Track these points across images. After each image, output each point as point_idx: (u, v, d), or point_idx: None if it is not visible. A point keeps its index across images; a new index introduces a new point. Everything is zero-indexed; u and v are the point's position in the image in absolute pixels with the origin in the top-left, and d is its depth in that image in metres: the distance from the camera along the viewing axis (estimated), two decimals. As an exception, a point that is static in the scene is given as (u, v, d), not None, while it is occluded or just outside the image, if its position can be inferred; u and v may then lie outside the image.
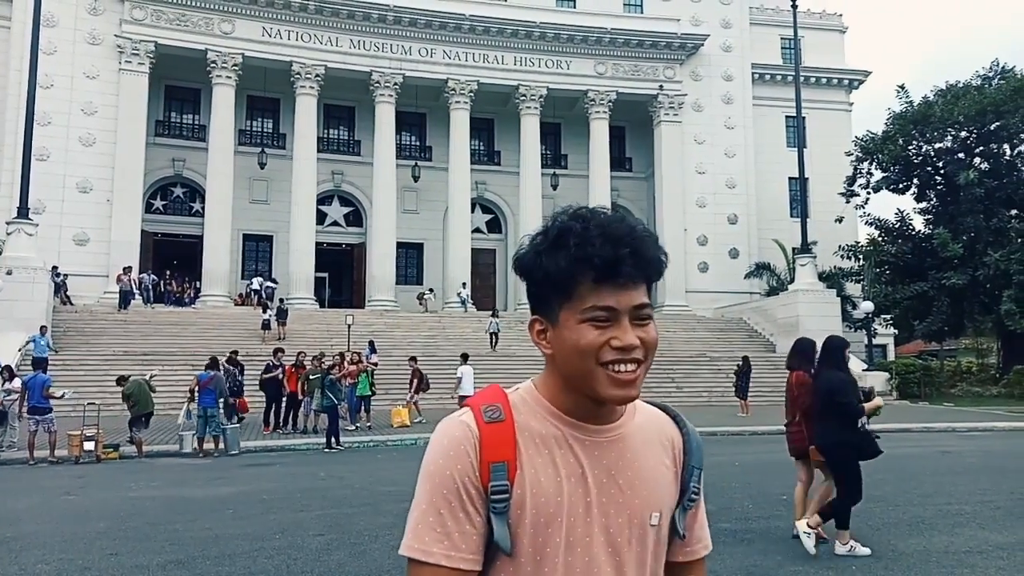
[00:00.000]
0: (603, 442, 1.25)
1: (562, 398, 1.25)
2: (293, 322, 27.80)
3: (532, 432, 1.24)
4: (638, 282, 1.20)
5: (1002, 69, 33.81)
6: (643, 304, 1.20)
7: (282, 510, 8.70)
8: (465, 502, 1.18)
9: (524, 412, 1.25)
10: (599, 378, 1.18)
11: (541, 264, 1.21)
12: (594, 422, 1.25)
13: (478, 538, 1.19)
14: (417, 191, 37.57)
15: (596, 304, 1.18)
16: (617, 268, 1.17)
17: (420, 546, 1.18)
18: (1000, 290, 30.66)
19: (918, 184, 35.09)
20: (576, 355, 1.19)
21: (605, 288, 1.17)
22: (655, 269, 1.23)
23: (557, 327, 1.21)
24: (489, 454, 1.20)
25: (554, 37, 36.49)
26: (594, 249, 1.17)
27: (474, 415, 1.23)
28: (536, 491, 1.20)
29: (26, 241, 24.62)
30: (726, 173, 38.32)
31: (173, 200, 36.08)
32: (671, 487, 1.30)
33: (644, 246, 1.21)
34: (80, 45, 31.46)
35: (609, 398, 1.20)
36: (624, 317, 1.18)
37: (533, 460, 1.21)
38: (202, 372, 15.47)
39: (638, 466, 1.27)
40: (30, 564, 6.42)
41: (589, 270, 1.17)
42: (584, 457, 1.24)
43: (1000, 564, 6.12)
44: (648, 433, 1.31)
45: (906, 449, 14.65)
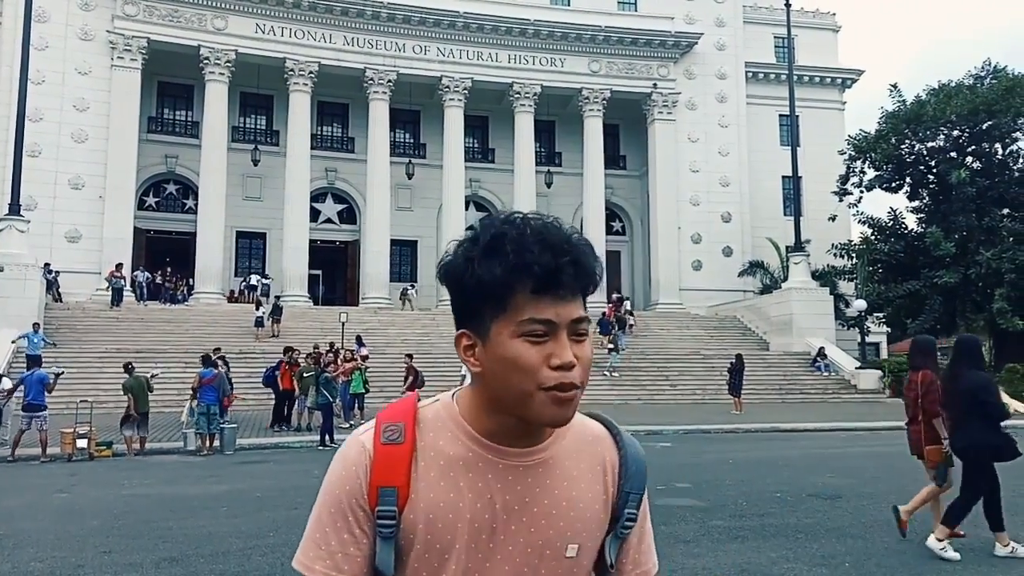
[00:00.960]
0: (520, 467, 1.17)
1: (483, 418, 1.16)
2: (287, 319, 27.75)
3: (438, 453, 1.16)
4: (576, 294, 1.12)
5: (994, 68, 33.94)
6: (581, 318, 1.12)
7: (276, 508, 8.68)
8: (351, 524, 1.14)
9: (434, 431, 1.18)
10: (536, 399, 1.09)
11: (473, 272, 1.11)
12: (515, 445, 1.17)
13: (363, 560, 1.15)
14: (411, 188, 37.52)
15: (534, 316, 1.08)
16: (557, 277, 1.09)
17: (306, 561, 1.16)
18: (992, 289, 30.81)
19: (911, 183, 35.22)
20: (511, 374, 1.09)
21: (544, 300, 1.09)
22: (593, 281, 1.14)
23: (488, 342, 1.11)
24: (379, 478, 1.14)
25: (548, 35, 36.47)
26: (533, 256, 1.08)
27: (373, 434, 1.17)
28: (433, 516, 1.13)
29: (18, 238, 24.49)
30: (720, 171, 38.39)
31: (166, 197, 35.93)
32: (599, 515, 1.21)
33: (584, 255, 1.13)
34: (72, 41, 31.28)
35: (545, 420, 1.12)
36: (563, 332, 1.10)
37: (434, 484, 1.15)
38: (204, 369, 15.39)
39: (558, 494, 1.18)
40: (23, 562, 6.39)
41: (527, 279, 1.08)
42: (495, 482, 1.16)
43: (994, 561, 6.16)
44: (578, 455, 1.22)
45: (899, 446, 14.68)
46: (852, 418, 19.87)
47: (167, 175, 35.50)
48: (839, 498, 8.83)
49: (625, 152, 41.40)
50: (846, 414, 21.00)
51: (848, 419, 19.62)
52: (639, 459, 1.26)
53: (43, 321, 23.22)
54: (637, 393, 25.04)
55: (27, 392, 13.83)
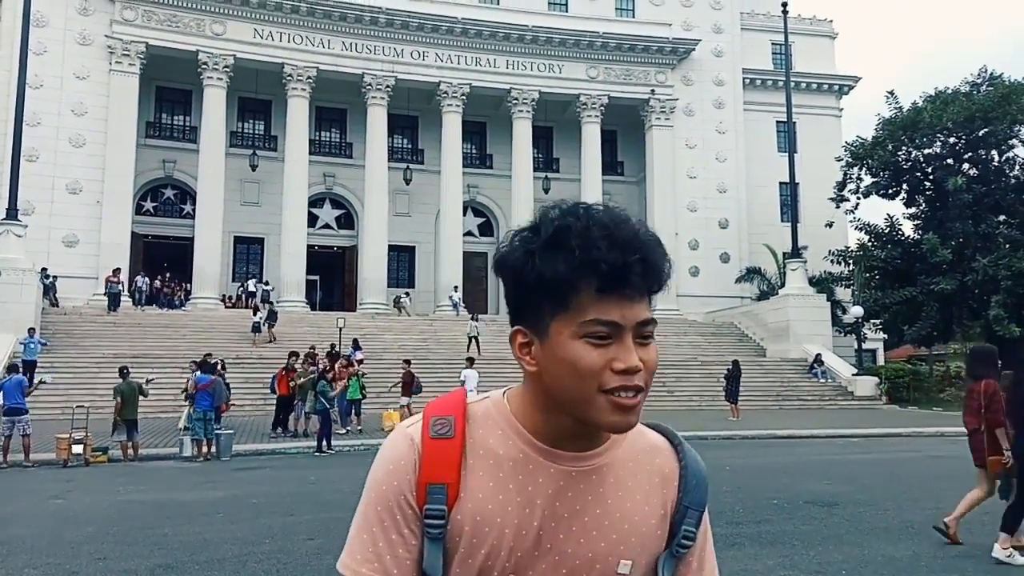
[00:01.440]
0: (572, 472, 1.10)
1: (537, 418, 1.10)
2: (284, 325, 27.72)
3: (488, 451, 1.10)
4: (643, 294, 1.05)
5: (990, 76, 34.07)
6: (648, 320, 1.06)
7: (272, 514, 8.66)
8: (400, 523, 1.08)
9: (484, 428, 1.11)
10: (598, 405, 1.02)
11: (534, 266, 1.04)
12: (567, 448, 1.10)
13: (412, 563, 1.08)
14: (409, 194, 37.54)
15: (599, 318, 1.02)
16: (626, 277, 1.02)
17: (352, 564, 1.10)
18: (988, 295, 30.86)
19: (907, 189, 35.30)
20: (572, 377, 1.02)
21: (609, 299, 1.02)
22: (663, 281, 1.07)
23: (546, 341, 1.05)
24: (428, 474, 1.08)
25: (546, 41, 36.57)
26: (600, 253, 1.01)
27: (421, 427, 1.11)
28: (480, 519, 1.07)
29: (15, 242, 24.46)
30: (717, 178, 38.47)
31: (164, 202, 35.91)
32: (655, 531, 1.13)
33: (654, 253, 1.05)
34: (70, 45, 31.30)
35: (607, 426, 1.05)
36: (628, 335, 1.03)
37: (482, 484, 1.08)
38: (200, 375, 15.36)
39: (611, 504, 1.11)
40: (17, 568, 6.36)
41: (593, 277, 1.01)
42: (546, 486, 1.09)
43: (987, 568, 6.15)
44: (635, 465, 1.15)
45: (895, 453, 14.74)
46: (849, 425, 19.87)
47: (165, 180, 35.49)
48: (836, 505, 8.82)
49: (623, 158, 41.48)
50: (843, 421, 21.00)
51: (845, 426, 19.62)
52: (700, 472, 1.19)
53: (40, 326, 23.18)
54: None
55: (6, 397, 13.73)
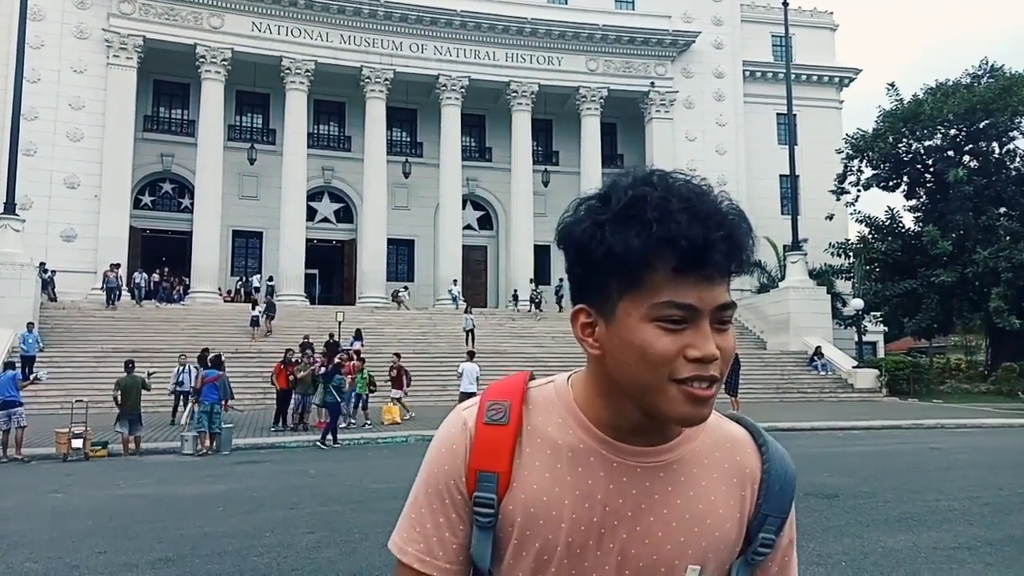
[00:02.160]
0: (638, 467, 1.02)
1: (600, 406, 1.02)
2: (283, 319, 27.71)
3: (546, 440, 1.03)
4: (724, 275, 0.95)
5: (991, 67, 34.00)
6: (727, 304, 0.96)
7: (272, 508, 8.66)
8: (448, 507, 1.04)
9: (543, 414, 1.05)
10: (668, 395, 0.94)
11: (603, 239, 0.94)
12: (634, 441, 1.02)
13: (459, 547, 1.04)
14: (408, 187, 37.48)
15: (673, 300, 0.92)
16: (707, 255, 0.91)
17: (400, 542, 1.07)
18: (989, 288, 30.86)
19: (908, 182, 35.27)
20: (640, 364, 0.94)
21: (687, 280, 0.92)
22: (748, 260, 0.97)
23: (612, 323, 0.96)
24: (478, 461, 1.03)
25: (545, 33, 36.44)
26: (680, 228, 0.91)
27: (476, 411, 1.06)
28: (533, 510, 1.01)
29: (13, 237, 24.42)
30: (717, 170, 38.27)
31: (162, 196, 35.85)
32: (729, 535, 1.04)
33: (739, 229, 0.95)
34: (67, 39, 31.18)
35: (677, 419, 0.96)
36: (705, 319, 0.93)
37: (537, 474, 1.02)
38: (208, 369, 15.47)
39: (680, 504, 1.02)
40: (18, 563, 6.36)
41: (670, 255, 0.91)
42: (607, 481, 1.01)
43: (988, 560, 6.15)
44: (712, 462, 1.05)
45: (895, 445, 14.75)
46: (849, 417, 19.88)
47: (163, 174, 35.41)
48: (836, 497, 8.83)
49: (623, 151, 41.38)
50: (843, 413, 21.02)
51: (845, 418, 19.63)
52: (787, 474, 1.07)
53: (38, 321, 23.15)
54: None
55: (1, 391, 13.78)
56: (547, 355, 27.19)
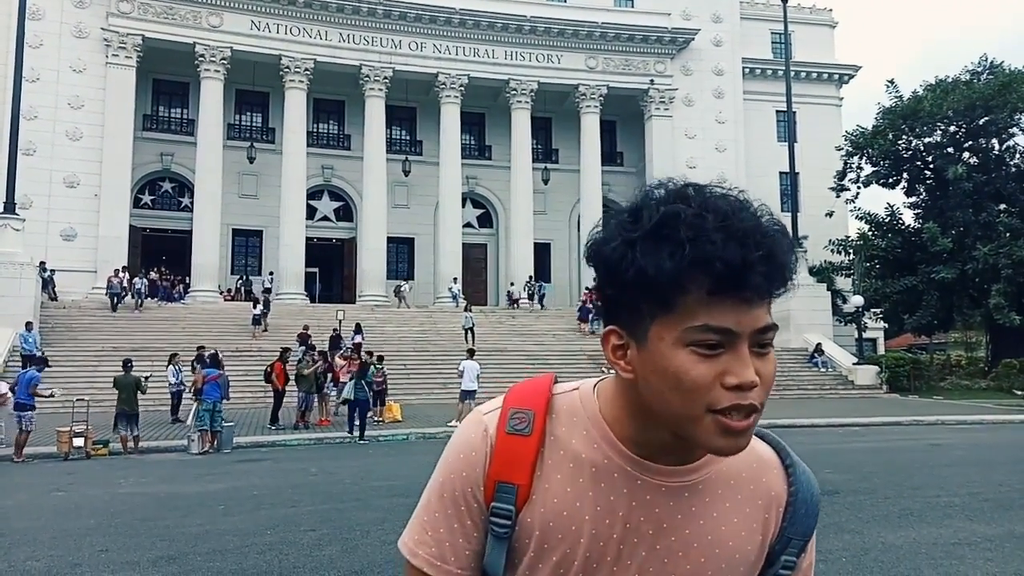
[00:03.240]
0: (663, 487, 0.99)
1: (628, 425, 0.98)
2: (283, 317, 27.76)
3: (569, 453, 1.00)
4: (764, 297, 0.89)
5: (991, 64, 33.98)
6: (768, 327, 0.90)
7: (273, 506, 8.67)
8: (463, 514, 1.01)
9: (568, 425, 1.01)
10: (703, 425, 0.89)
11: (634, 259, 0.89)
12: (660, 460, 0.98)
13: (471, 554, 1.02)
14: (408, 186, 37.47)
15: (709, 324, 0.87)
16: (745, 277, 0.86)
17: (410, 544, 1.04)
18: (989, 284, 30.87)
19: (908, 178, 35.26)
20: (674, 392, 0.89)
21: (724, 303, 0.87)
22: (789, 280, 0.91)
23: (644, 347, 0.91)
24: (498, 471, 0.99)
25: (545, 31, 36.41)
26: (715, 249, 0.85)
27: (498, 418, 1.02)
28: (553, 524, 0.98)
29: (13, 236, 24.41)
30: (717, 168, 38.25)
31: (161, 195, 35.84)
32: (750, 558, 1.01)
33: (780, 248, 0.89)
34: (66, 38, 31.15)
35: (713, 450, 0.91)
36: (743, 343, 0.88)
37: (558, 487, 0.99)
38: (208, 368, 15.52)
39: (703, 525, 0.99)
40: (20, 561, 6.37)
41: (705, 277, 0.86)
42: (630, 498, 0.98)
43: (988, 556, 6.16)
44: (737, 484, 1.02)
45: (896, 442, 14.76)
46: (850, 414, 19.90)
47: (163, 173, 35.40)
48: (837, 493, 8.83)
49: (622, 149, 41.37)
50: (844, 410, 21.04)
51: (846, 415, 19.65)
52: (812, 497, 1.04)
53: (39, 320, 23.17)
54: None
55: (17, 391, 13.88)
56: (548, 353, 27.22)
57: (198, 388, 15.15)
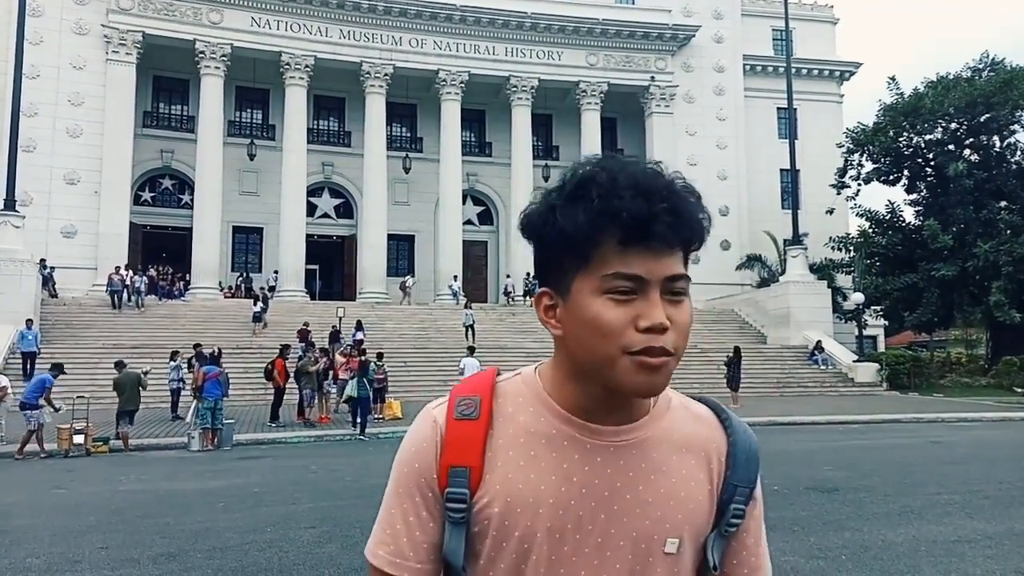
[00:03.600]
0: (611, 447, 1.04)
1: (568, 390, 1.04)
2: (283, 314, 27.78)
3: (519, 430, 1.05)
4: (674, 248, 0.98)
5: (992, 61, 33.91)
6: (678, 275, 0.98)
7: (273, 503, 8.67)
8: (418, 505, 1.05)
9: (514, 406, 1.06)
10: (621, 366, 0.96)
11: (555, 221, 0.98)
12: (604, 421, 1.04)
13: (429, 547, 1.05)
14: (408, 183, 37.44)
15: (620, 271, 0.95)
16: (650, 227, 0.94)
17: (372, 546, 1.07)
18: (989, 281, 30.84)
19: (908, 176, 35.21)
20: (593, 336, 0.96)
21: (633, 252, 0.95)
22: (697, 233, 1.00)
23: (569, 300, 0.99)
24: (450, 456, 1.03)
25: (545, 28, 36.36)
26: (622, 203, 0.94)
27: (447, 408, 1.07)
28: (511, 499, 1.02)
29: (13, 233, 24.42)
30: (718, 165, 38.35)
31: (162, 192, 35.82)
32: (703, 507, 1.07)
33: (684, 203, 0.98)
34: (66, 35, 31.13)
35: (630, 389, 0.98)
36: (654, 290, 0.96)
37: (512, 463, 1.03)
38: (208, 366, 15.52)
39: (654, 480, 1.04)
40: (20, 558, 6.37)
41: (615, 228, 0.95)
42: (582, 463, 1.03)
43: (988, 553, 6.16)
44: (679, 438, 1.08)
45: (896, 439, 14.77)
46: (849, 411, 19.90)
47: (163, 170, 35.39)
48: (836, 491, 8.83)
49: (623, 145, 41.30)
50: (843, 407, 21.03)
51: (845, 412, 19.65)
52: (750, 447, 1.11)
53: (39, 317, 23.18)
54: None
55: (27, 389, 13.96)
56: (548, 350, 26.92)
57: (198, 386, 15.14)
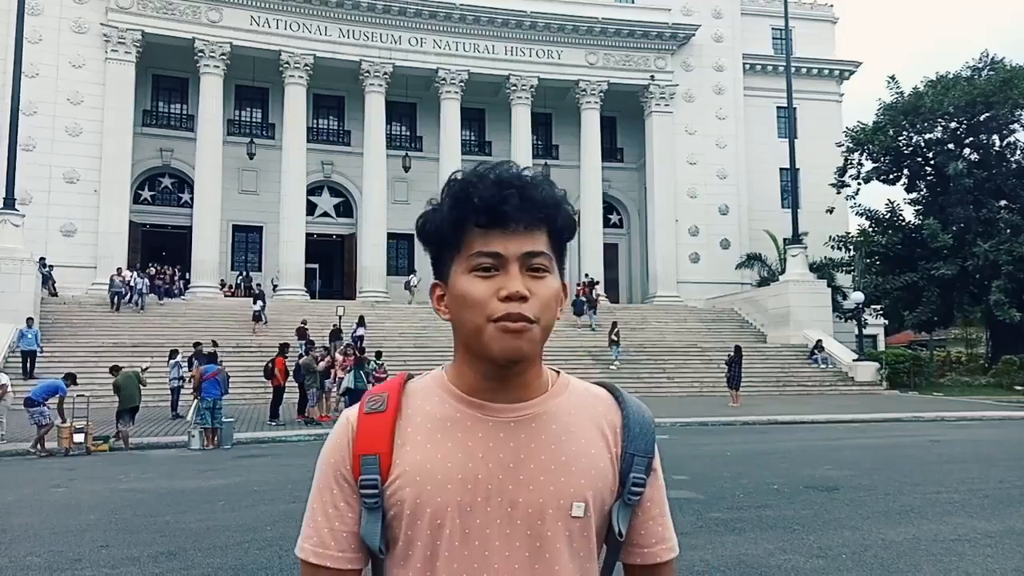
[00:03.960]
0: (511, 422, 1.13)
1: (466, 375, 1.15)
2: (283, 313, 27.81)
3: (426, 417, 1.14)
4: (531, 228, 1.10)
5: (992, 60, 33.91)
6: (536, 252, 1.10)
7: (273, 501, 8.67)
8: (336, 496, 1.14)
9: (422, 398, 1.17)
10: (486, 332, 1.08)
11: (434, 219, 1.15)
12: (502, 400, 1.14)
13: (349, 535, 1.13)
14: (408, 182, 37.41)
15: (482, 250, 1.09)
16: (500, 209, 1.08)
17: (299, 541, 1.16)
18: (989, 280, 30.85)
19: (908, 175, 35.21)
20: (464, 309, 1.10)
21: (492, 233, 1.09)
22: (549, 213, 1.12)
23: (449, 284, 1.13)
24: (361, 446, 1.13)
25: (545, 27, 36.34)
26: (476, 191, 1.10)
27: (358, 407, 1.18)
28: (420, 478, 1.10)
29: (12, 232, 24.40)
30: (717, 164, 38.34)
31: (161, 191, 35.81)
32: (605, 473, 1.15)
33: (533, 187, 1.12)
34: (65, 34, 31.10)
35: (496, 353, 1.08)
36: (514, 265, 1.09)
37: (420, 447, 1.12)
38: (207, 365, 15.52)
39: (555, 449, 1.13)
40: (20, 556, 6.37)
41: (472, 213, 1.09)
42: (487, 440, 1.12)
43: (988, 552, 6.16)
44: (578, 413, 1.17)
45: (896, 438, 14.77)
46: (849, 410, 19.90)
47: (162, 169, 35.37)
48: (837, 490, 8.83)
49: (622, 145, 41.32)
50: (843, 406, 21.04)
51: (845, 411, 19.65)
52: (644, 419, 1.20)
53: (39, 316, 23.16)
54: (635, 385, 24.97)
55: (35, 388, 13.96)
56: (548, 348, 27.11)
57: (197, 384, 15.13)
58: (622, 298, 39.58)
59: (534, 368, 1.15)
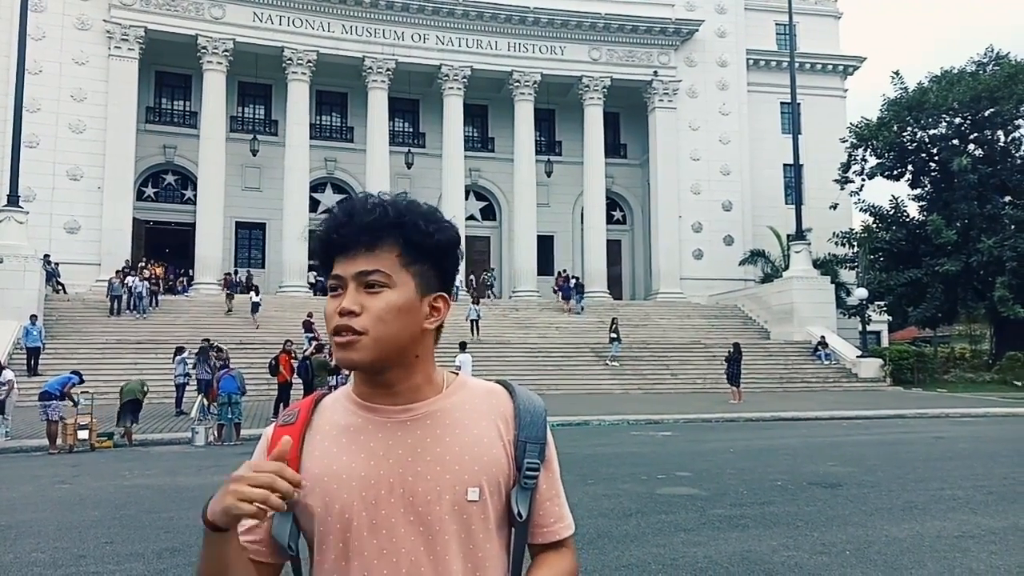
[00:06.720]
0: (408, 422, 1.26)
1: (359, 384, 1.29)
2: (286, 310, 27.88)
3: (332, 426, 1.27)
4: (374, 249, 1.22)
5: (996, 55, 33.76)
6: (368, 271, 1.22)
7: (277, 498, 8.67)
8: None
9: (331, 410, 1.30)
10: (334, 345, 1.23)
11: None
12: (395, 403, 1.26)
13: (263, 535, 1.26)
14: (410, 178, 37.37)
15: (331, 273, 1.25)
16: (330, 238, 1.24)
17: None
18: (993, 276, 30.77)
19: (912, 171, 35.10)
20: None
21: (339, 259, 1.24)
22: (375, 233, 1.22)
23: None
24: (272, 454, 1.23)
25: (548, 22, 36.25)
26: (325, 225, 1.26)
27: (275, 423, 1.33)
28: (327, 479, 1.23)
29: (16, 229, 24.46)
30: (721, 160, 38.26)
31: (164, 187, 35.85)
32: (498, 459, 1.26)
33: (360, 213, 1.23)
34: (69, 31, 31.11)
35: (340, 363, 1.23)
36: (350, 284, 1.22)
37: (327, 452, 1.25)
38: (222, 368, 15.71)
39: (449, 440, 1.24)
40: (24, 552, 6.39)
41: (320, 244, 1.26)
42: (386, 439, 1.24)
43: (992, 548, 6.15)
44: (473, 408, 1.29)
45: (900, 435, 14.75)
46: (853, 406, 19.88)
47: (166, 166, 35.40)
48: (840, 486, 8.82)
49: (626, 141, 41.25)
50: (847, 403, 21.01)
51: (849, 407, 19.63)
52: (534, 408, 1.31)
53: (43, 313, 23.21)
54: (638, 382, 25.04)
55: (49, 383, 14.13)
56: (550, 345, 27.21)
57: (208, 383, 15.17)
58: (625, 294, 39.55)
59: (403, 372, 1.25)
